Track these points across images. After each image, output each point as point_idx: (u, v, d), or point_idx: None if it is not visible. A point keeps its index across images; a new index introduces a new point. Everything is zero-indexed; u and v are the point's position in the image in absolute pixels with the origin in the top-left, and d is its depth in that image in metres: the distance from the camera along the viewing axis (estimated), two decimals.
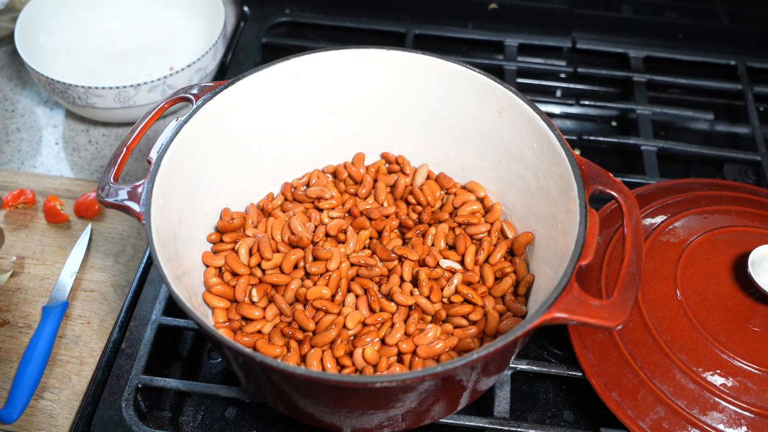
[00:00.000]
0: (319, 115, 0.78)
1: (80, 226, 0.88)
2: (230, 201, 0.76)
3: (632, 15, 1.11)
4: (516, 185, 0.74)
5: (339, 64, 0.74)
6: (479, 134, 0.75)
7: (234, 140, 0.73)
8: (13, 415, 0.70)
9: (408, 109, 0.77)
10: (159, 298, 0.76)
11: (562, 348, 0.77)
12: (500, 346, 0.53)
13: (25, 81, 1.08)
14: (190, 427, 0.72)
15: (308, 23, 1.13)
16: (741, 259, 0.70)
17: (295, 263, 0.71)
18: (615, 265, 0.72)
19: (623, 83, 1.08)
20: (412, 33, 1.09)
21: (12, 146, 0.99)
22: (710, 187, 0.82)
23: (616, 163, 1.01)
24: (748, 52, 1.08)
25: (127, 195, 0.62)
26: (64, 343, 0.77)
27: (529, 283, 0.70)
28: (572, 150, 0.64)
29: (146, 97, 0.94)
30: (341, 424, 0.62)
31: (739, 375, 0.64)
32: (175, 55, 1.09)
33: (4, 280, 0.82)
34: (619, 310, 0.55)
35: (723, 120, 1.07)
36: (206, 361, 0.77)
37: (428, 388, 0.56)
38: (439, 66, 0.72)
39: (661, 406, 0.64)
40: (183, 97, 0.70)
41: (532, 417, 0.73)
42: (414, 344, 0.65)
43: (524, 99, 0.68)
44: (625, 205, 0.61)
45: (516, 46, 1.08)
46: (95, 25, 1.09)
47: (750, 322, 0.67)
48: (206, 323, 0.56)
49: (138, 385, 0.69)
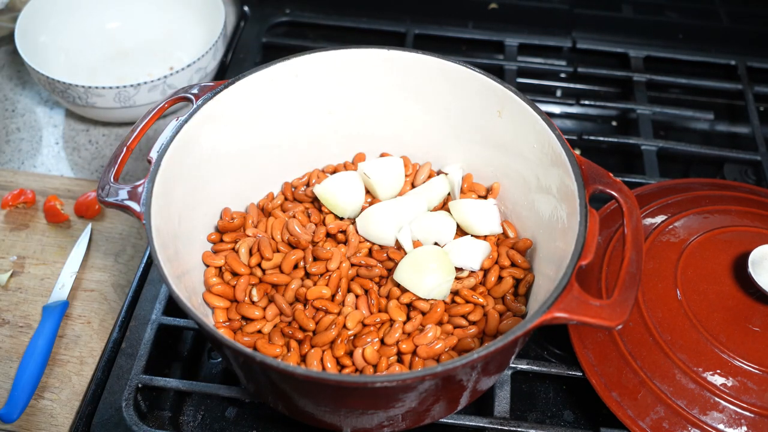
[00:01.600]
0: (319, 115, 0.78)
1: (80, 225, 0.88)
2: (230, 201, 0.76)
3: (632, 15, 1.11)
4: (516, 185, 0.74)
5: (339, 64, 0.74)
6: (479, 134, 0.75)
7: (234, 140, 0.73)
8: (13, 414, 0.70)
9: (408, 109, 0.77)
10: (159, 298, 0.76)
11: (562, 348, 0.77)
12: (500, 345, 0.53)
13: (26, 81, 1.08)
14: (190, 426, 0.72)
15: (308, 23, 1.14)
16: (741, 259, 0.70)
17: (295, 263, 0.71)
18: (615, 264, 0.72)
19: (623, 83, 1.08)
20: (412, 33, 1.10)
21: (12, 146, 0.99)
22: (710, 187, 0.82)
23: (616, 162, 1.01)
24: (748, 52, 1.08)
25: (127, 195, 0.62)
26: (64, 343, 0.77)
27: (529, 283, 0.70)
28: (572, 150, 0.64)
29: (146, 96, 0.94)
30: (341, 424, 0.62)
31: (740, 375, 0.64)
32: (175, 55, 1.09)
33: (5, 280, 0.82)
34: (619, 310, 0.55)
35: (723, 120, 1.07)
36: (206, 361, 0.77)
37: (428, 387, 0.56)
38: (440, 66, 0.72)
39: (661, 406, 0.64)
40: (183, 97, 0.70)
41: (532, 417, 0.73)
42: (414, 344, 0.65)
43: (524, 99, 0.68)
44: (625, 204, 0.61)
45: (516, 46, 1.08)
46: (95, 25, 1.09)
47: (750, 321, 0.67)
48: (206, 323, 0.56)
49: (138, 385, 0.69)
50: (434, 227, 0.73)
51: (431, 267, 0.68)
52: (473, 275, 0.71)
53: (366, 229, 0.74)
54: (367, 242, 0.74)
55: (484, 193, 0.77)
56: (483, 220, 0.74)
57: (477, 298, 0.68)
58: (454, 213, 0.75)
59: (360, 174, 0.77)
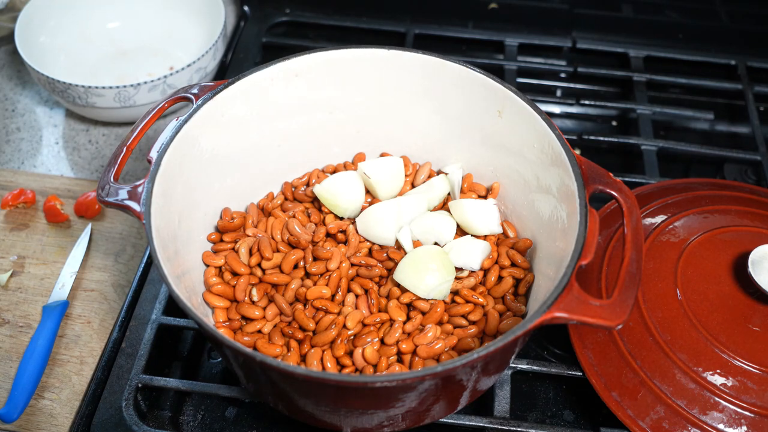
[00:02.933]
0: (319, 114, 0.78)
1: (80, 225, 0.88)
2: (230, 200, 0.76)
3: (632, 14, 1.11)
4: (516, 185, 0.74)
5: (339, 64, 0.74)
6: (479, 134, 0.75)
7: (234, 140, 0.73)
8: (13, 414, 0.70)
9: (408, 108, 0.77)
10: (159, 298, 0.76)
11: (562, 348, 0.77)
12: (500, 345, 0.53)
13: (26, 80, 1.08)
14: (190, 426, 0.72)
15: (308, 23, 1.14)
16: (741, 259, 0.70)
17: (295, 263, 0.71)
18: (615, 264, 0.72)
19: (623, 83, 1.08)
20: (413, 33, 1.10)
21: (12, 146, 0.99)
22: (710, 187, 0.82)
23: (616, 162, 1.01)
24: (748, 51, 1.08)
25: (127, 194, 0.62)
26: (64, 343, 0.77)
27: (529, 283, 0.70)
28: (572, 149, 0.64)
29: (146, 96, 0.94)
30: (341, 424, 0.62)
31: (740, 375, 0.64)
32: (175, 55, 1.09)
33: (5, 280, 0.82)
34: (619, 310, 0.55)
35: (723, 120, 1.07)
36: (206, 361, 0.77)
37: (428, 387, 0.56)
38: (440, 65, 0.72)
39: (661, 406, 0.64)
40: (183, 97, 0.70)
41: (532, 417, 0.73)
42: (414, 344, 0.65)
43: (524, 99, 0.68)
44: (625, 204, 0.61)
45: (516, 46, 1.08)
46: (95, 25, 1.09)
47: (750, 321, 0.67)
48: (206, 323, 0.56)
49: (138, 385, 0.69)
50: (434, 227, 0.73)
51: (431, 267, 0.68)
52: (473, 275, 0.71)
53: (366, 229, 0.74)
54: (367, 242, 0.74)
55: (484, 193, 0.77)
56: (483, 220, 0.74)
57: (477, 298, 0.68)
58: (454, 213, 0.75)
59: (360, 174, 0.77)
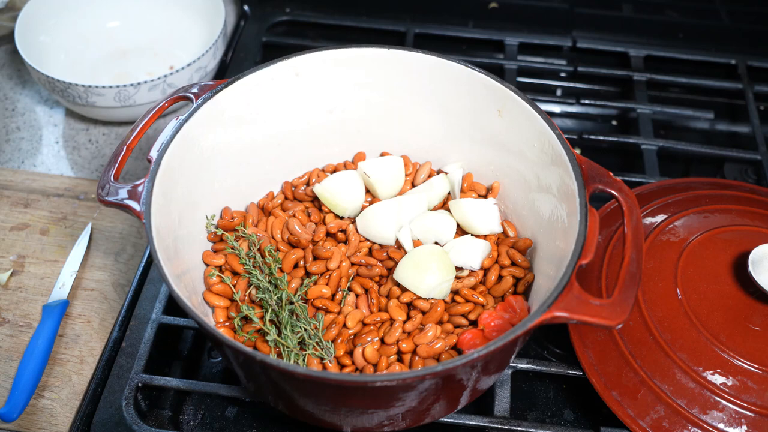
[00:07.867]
0: (319, 114, 0.78)
1: (80, 225, 0.88)
2: (230, 200, 0.76)
3: (632, 14, 1.11)
4: (516, 184, 0.74)
5: (339, 63, 0.74)
6: (480, 133, 0.75)
7: (234, 139, 0.73)
8: (13, 413, 0.70)
9: (408, 108, 0.77)
10: (159, 297, 0.76)
11: (562, 347, 0.77)
12: (500, 345, 0.53)
13: (25, 80, 1.08)
14: (191, 426, 0.72)
15: (308, 22, 1.14)
16: (741, 258, 0.70)
17: (295, 262, 0.71)
18: (615, 264, 0.72)
19: (623, 82, 1.08)
20: (413, 32, 1.09)
21: (12, 145, 0.99)
22: (710, 186, 0.82)
23: (616, 162, 1.01)
24: (748, 51, 1.08)
25: (127, 194, 0.62)
26: (64, 342, 0.77)
27: (529, 282, 0.70)
28: (572, 149, 0.64)
29: (146, 96, 0.94)
30: (341, 423, 0.62)
31: (740, 374, 0.64)
32: (175, 54, 1.09)
33: (5, 279, 0.82)
34: (620, 309, 0.55)
35: (723, 119, 1.07)
36: (206, 360, 0.77)
37: (428, 387, 0.56)
38: (440, 65, 0.72)
39: (661, 405, 0.64)
40: (183, 96, 0.70)
41: (532, 416, 0.73)
42: (414, 343, 0.65)
43: (525, 98, 0.68)
44: (625, 204, 0.61)
45: (516, 45, 1.08)
46: (95, 24, 1.09)
47: (750, 321, 0.67)
48: (206, 322, 0.56)
49: (138, 384, 0.69)
50: (434, 226, 0.73)
51: (431, 266, 0.68)
52: (473, 274, 0.71)
53: (366, 229, 0.74)
54: (367, 241, 0.74)
55: (484, 192, 0.77)
56: (483, 220, 0.74)
57: (477, 297, 0.68)
58: (454, 212, 0.75)
59: (360, 173, 0.77)
